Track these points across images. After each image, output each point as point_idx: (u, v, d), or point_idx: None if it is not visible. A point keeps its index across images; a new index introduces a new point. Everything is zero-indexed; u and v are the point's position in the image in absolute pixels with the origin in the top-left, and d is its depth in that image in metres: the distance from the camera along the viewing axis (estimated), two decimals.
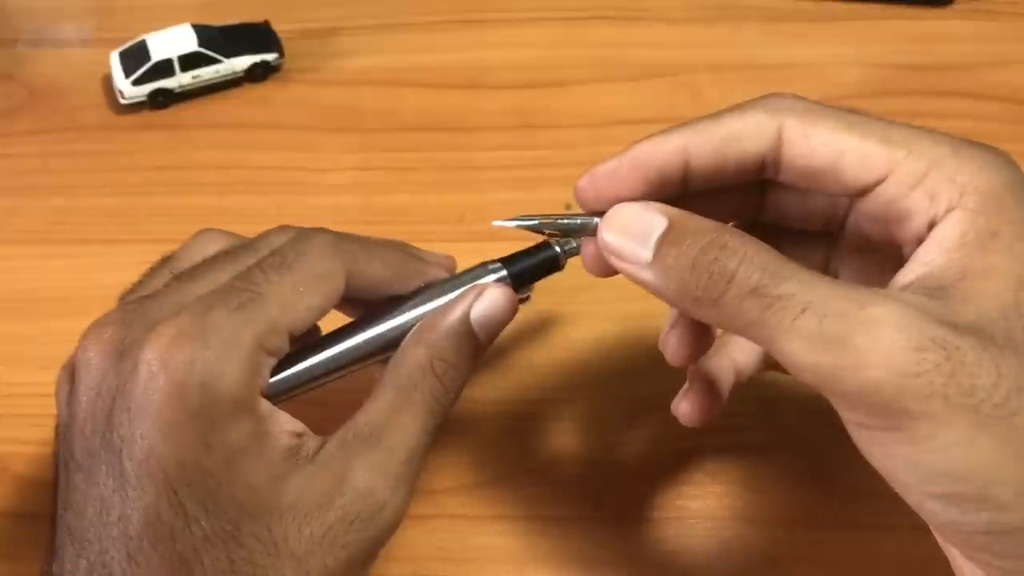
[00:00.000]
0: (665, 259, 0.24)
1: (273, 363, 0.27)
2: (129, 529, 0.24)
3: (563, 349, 0.41)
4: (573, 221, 0.27)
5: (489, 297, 0.29)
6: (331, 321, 0.30)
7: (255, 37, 0.52)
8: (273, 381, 0.27)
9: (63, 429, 0.27)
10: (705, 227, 0.24)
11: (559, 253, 0.32)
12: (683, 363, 0.29)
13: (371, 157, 0.49)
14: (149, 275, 0.30)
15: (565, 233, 0.28)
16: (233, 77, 0.51)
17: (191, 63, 0.50)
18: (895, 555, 0.34)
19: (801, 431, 0.37)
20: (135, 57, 0.50)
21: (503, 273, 0.31)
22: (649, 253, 0.24)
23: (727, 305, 0.22)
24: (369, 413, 0.28)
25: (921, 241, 0.23)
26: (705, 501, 0.36)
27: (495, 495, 0.37)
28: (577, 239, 0.31)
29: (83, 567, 0.25)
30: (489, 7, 0.56)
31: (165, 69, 0.50)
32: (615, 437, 0.38)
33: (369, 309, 0.31)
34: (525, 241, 0.31)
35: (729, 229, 0.24)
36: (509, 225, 0.28)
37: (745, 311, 0.22)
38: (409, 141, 0.49)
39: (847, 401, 0.21)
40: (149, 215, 0.46)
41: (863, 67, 0.52)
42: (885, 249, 0.26)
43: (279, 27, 0.53)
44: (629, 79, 0.52)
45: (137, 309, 0.27)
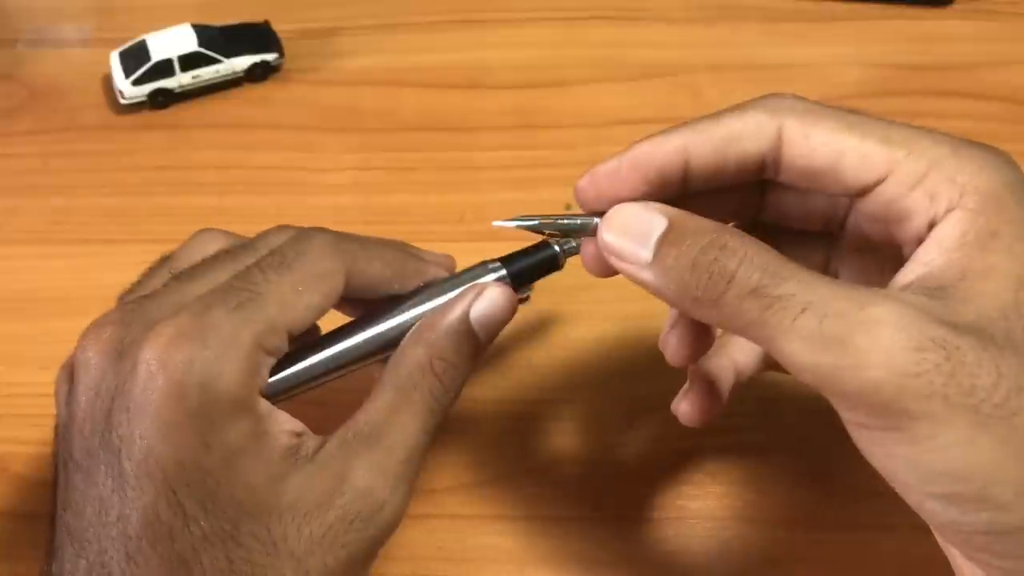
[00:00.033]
0: (665, 259, 0.24)
1: (272, 363, 0.27)
2: (128, 529, 0.24)
3: (563, 349, 0.41)
4: (573, 221, 0.27)
5: (489, 296, 0.29)
6: (331, 321, 0.30)
7: (255, 37, 0.52)
8: (272, 381, 0.27)
9: (62, 429, 0.27)
10: (705, 227, 0.24)
11: (558, 253, 0.32)
12: (683, 363, 0.29)
13: (371, 157, 0.49)
14: (148, 275, 0.30)
15: (565, 233, 0.28)
16: (233, 77, 0.51)
17: (191, 63, 0.50)
18: (895, 555, 0.34)
19: (801, 431, 0.37)
20: (135, 57, 0.50)
21: (503, 272, 0.31)
22: (649, 253, 0.24)
23: (727, 305, 0.22)
24: (369, 412, 0.28)
25: (921, 241, 0.23)
26: (705, 501, 0.36)
27: (495, 495, 0.37)
28: (577, 239, 0.31)
29: (82, 567, 0.25)
30: (489, 7, 0.56)
31: (165, 69, 0.50)
32: (615, 437, 0.38)
33: (369, 309, 0.31)
34: (525, 241, 0.31)
35: (729, 229, 0.23)
36: (509, 225, 0.28)
37: (745, 311, 0.22)
38: (409, 141, 0.49)
39: (847, 401, 0.21)
40: (149, 215, 0.46)
41: (863, 67, 0.52)
42: (885, 249, 0.26)
43: (279, 27, 0.53)
44: (629, 79, 0.52)
45: (136, 309, 0.27)
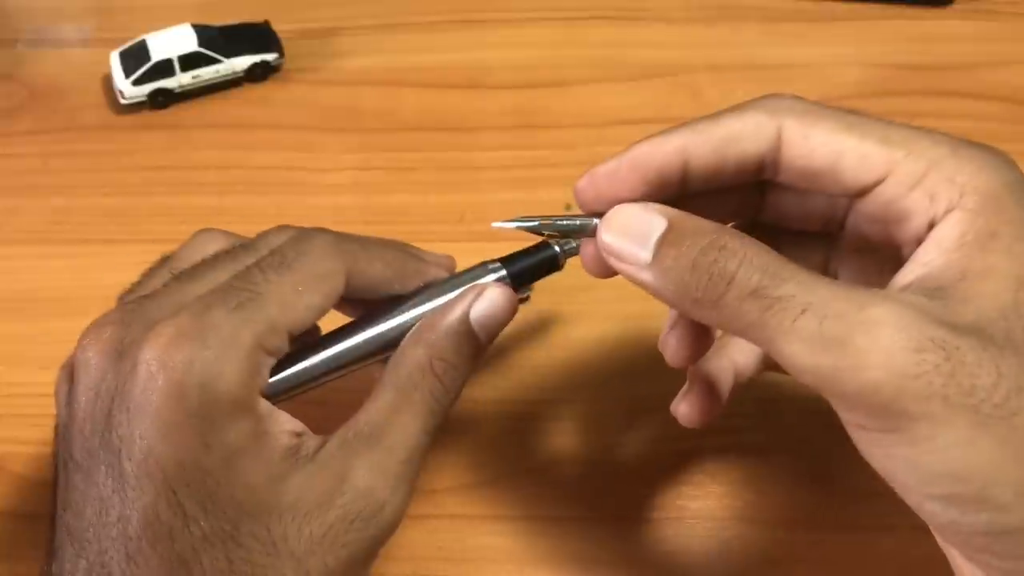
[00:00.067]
0: (664, 260, 0.24)
1: (272, 363, 0.27)
2: (128, 529, 0.24)
3: (563, 349, 0.41)
4: (572, 222, 0.27)
5: (489, 297, 0.29)
6: (331, 321, 0.30)
7: (255, 37, 0.52)
8: (272, 381, 0.27)
9: (62, 429, 0.27)
10: (705, 228, 0.24)
11: (559, 253, 0.32)
12: (683, 364, 0.29)
13: (371, 157, 0.49)
14: (148, 275, 0.30)
15: (564, 234, 0.28)
16: (233, 77, 0.51)
17: (191, 63, 0.50)
18: (895, 555, 0.34)
19: (801, 432, 0.37)
20: (135, 57, 0.50)
21: (503, 273, 0.31)
22: (648, 254, 0.24)
23: (727, 307, 0.22)
24: (369, 413, 0.28)
25: (920, 241, 0.23)
26: (705, 501, 0.36)
27: (495, 495, 0.37)
28: (577, 239, 0.31)
29: (82, 567, 0.25)
30: (489, 7, 0.56)
31: (165, 69, 0.50)
32: (615, 437, 0.38)
33: (369, 309, 0.31)
34: (525, 241, 0.31)
35: (729, 230, 0.23)
36: (508, 227, 0.28)
37: (745, 313, 0.22)
38: (409, 141, 0.49)
39: (847, 402, 0.21)
40: (149, 215, 0.46)
41: (863, 67, 0.52)
42: (884, 249, 0.26)
43: (279, 27, 0.53)
44: (629, 79, 0.52)
45: (136, 309, 0.27)
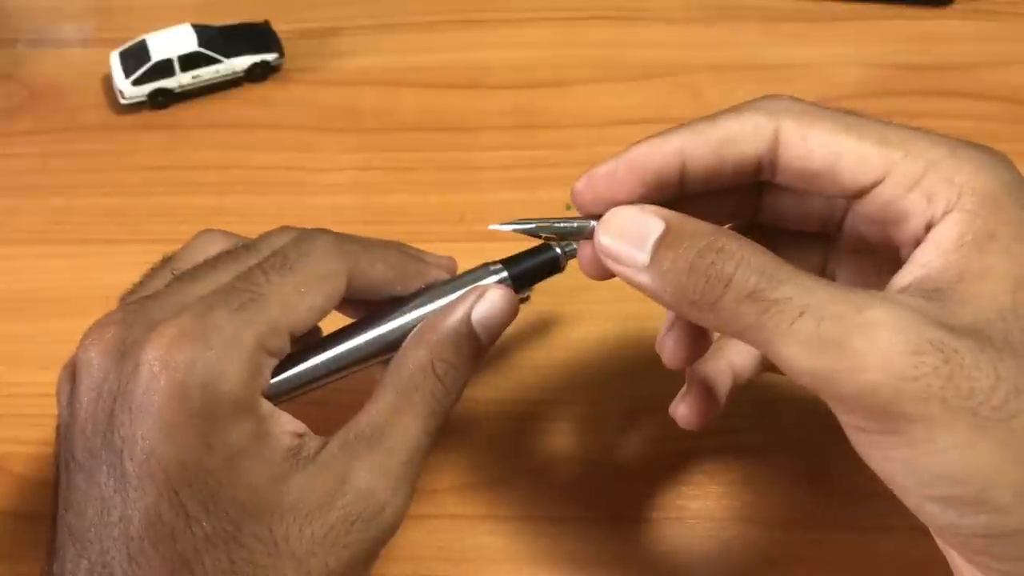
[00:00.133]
0: (662, 262, 0.24)
1: (274, 364, 0.27)
2: (130, 529, 0.24)
3: (564, 349, 0.41)
4: (570, 224, 0.27)
5: (490, 298, 0.29)
6: (332, 322, 0.30)
7: (255, 37, 0.52)
8: (274, 382, 0.28)
9: (64, 429, 0.27)
10: (702, 230, 0.24)
11: (560, 255, 0.32)
12: (680, 366, 0.29)
13: (371, 157, 0.49)
14: (150, 275, 0.30)
15: (562, 237, 0.28)
16: (233, 77, 0.51)
17: (191, 63, 0.50)
18: (894, 556, 0.34)
19: (799, 432, 0.37)
20: (135, 57, 0.50)
21: (504, 275, 0.31)
22: (646, 256, 0.24)
23: (724, 309, 0.22)
24: (370, 414, 0.28)
25: (919, 243, 0.23)
26: (704, 501, 0.36)
27: (495, 495, 0.37)
28: (576, 241, 0.31)
29: (84, 567, 0.25)
30: (489, 7, 0.56)
31: (165, 69, 0.50)
32: (615, 437, 0.38)
33: (370, 310, 0.31)
34: (525, 241, 0.31)
35: (726, 232, 0.23)
36: (506, 229, 0.28)
37: (742, 315, 0.22)
38: (409, 141, 0.49)
39: (845, 404, 0.21)
40: (149, 215, 0.46)
41: (863, 67, 0.52)
42: (883, 251, 0.26)
43: (279, 27, 0.53)
44: (629, 79, 0.52)
45: (138, 309, 0.27)
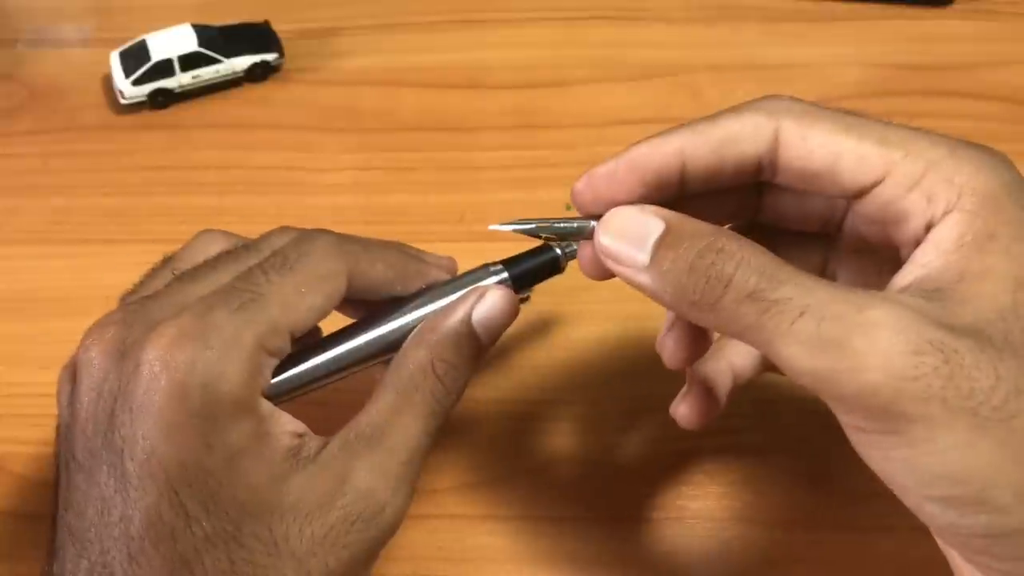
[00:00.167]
0: (662, 263, 0.24)
1: (274, 364, 0.27)
2: (130, 529, 0.24)
3: (564, 349, 0.41)
4: (570, 225, 0.27)
5: (491, 299, 0.29)
6: (332, 322, 0.30)
7: (255, 37, 0.52)
8: (274, 382, 0.28)
9: (64, 429, 0.27)
10: (702, 230, 0.24)
11: (560, 256, 0.32)
12: (680, 366, 0.29)
13: (370, 157, 0.49)
14: (150, 275, 0.30)
15: (562, 237, 0.28)
16: (233, 77, 0.51)
17: (191, 63, 0.50)
18: (894, 556, 0.34)
19: (799, 432, 0.37)
20: (135, 57, 0.50)
21: (504, 275, 0.31)
22: (646, 257, 0.24)
23: (724, 309, 0.22)
24: (370, 414, 0.28)
25: (919, 243, 0.23)
26: (704, 502, 0.36)
27: (495, 495, 0.37)
28: (576, 242, 0.31)
29: (84, 567, 0.25)
30: (489, 7, 0.56)
31: (165, 69, 0.50)
32: (615, 437, 0.38)
33: (371, 310, 0.31)
34: (525, 241, 0.31)
35: (726, 232, 0.23)
36: (505, 229, 0.28)
37: (742, 315, 0.22)
38: (409, 141, 0.49)
39: (845, 404, 0.21)
40: (149, 215, 0.46)
41: (863, 67, 0.52)
42: (883, 251, 0.26)
43: (279, 27, 0.53)
44: (629, 79, 0.52)
45: (138, 309, 0.27)
